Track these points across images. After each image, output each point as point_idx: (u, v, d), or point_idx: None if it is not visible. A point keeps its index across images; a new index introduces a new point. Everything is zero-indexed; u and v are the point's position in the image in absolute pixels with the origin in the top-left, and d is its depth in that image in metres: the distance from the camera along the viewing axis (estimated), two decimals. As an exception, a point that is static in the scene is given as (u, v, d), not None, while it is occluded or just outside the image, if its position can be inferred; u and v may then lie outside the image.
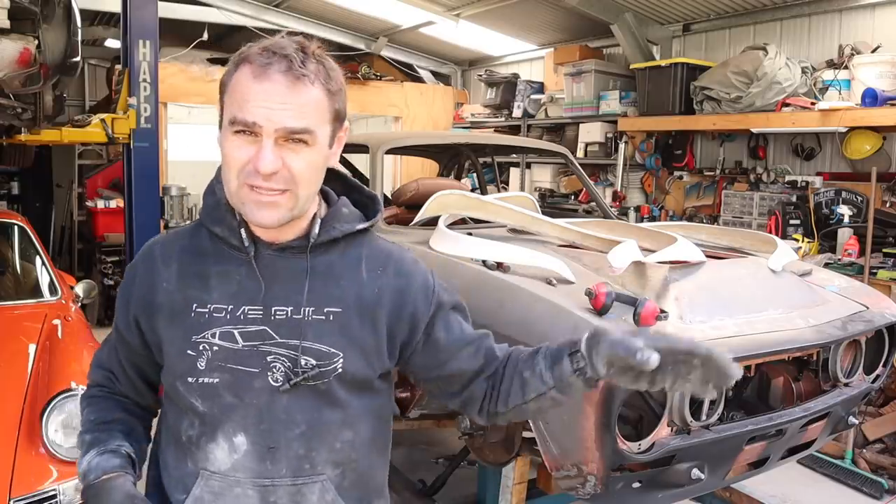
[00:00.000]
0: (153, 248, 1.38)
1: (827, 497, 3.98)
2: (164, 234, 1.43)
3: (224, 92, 1.23)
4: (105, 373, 1.45)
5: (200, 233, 1.35)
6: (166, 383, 1.35)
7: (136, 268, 1.38)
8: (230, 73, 1.22)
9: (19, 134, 4.53)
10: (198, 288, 1.29)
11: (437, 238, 2.92)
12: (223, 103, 1.23)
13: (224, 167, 1.24)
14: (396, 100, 8.53)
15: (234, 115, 1.18)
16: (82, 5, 4.62)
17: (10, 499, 2.51)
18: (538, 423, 2.21)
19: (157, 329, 1.32)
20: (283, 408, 1.27)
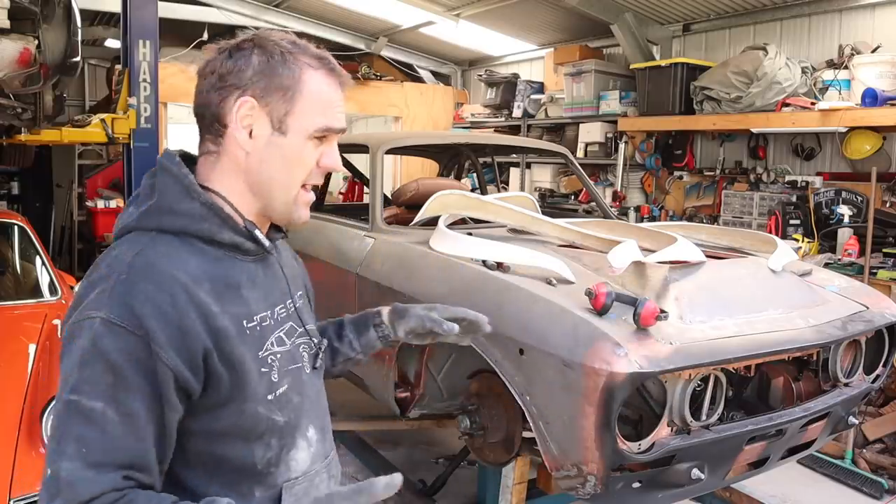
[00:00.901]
0: (166, 271, 1.12)
1: (827, 497, 3.98)
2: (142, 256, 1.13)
3: (294, 97, 1.19)
4: (116, 474, 1.03)
5: (193, 244, 1.17)
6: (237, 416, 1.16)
7: (161, 302, 1.08)
8: (292, 77, 1.19)
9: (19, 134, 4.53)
10: (237, 303, 1.18)
11: (437, 238, 2.92)
12: (284, 109, 1.19)
13: (291, 170, 1.22)
14: (396, 100, 8.53)
15: (324, 125, 1.21)
16: (82, 5, 4.62)
17: (10, 499, 2.51)
18: (538, 423, 2.21)
19: (233, 355, 1.14)
20: (315, 390, 1.36)
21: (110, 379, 1.04)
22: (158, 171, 1.22)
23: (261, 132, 1.19)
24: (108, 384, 1.04)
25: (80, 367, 1.04)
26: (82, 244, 8.43)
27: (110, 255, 1.16)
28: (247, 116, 1.18)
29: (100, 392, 1.03)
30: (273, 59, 1.19)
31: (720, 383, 2.29)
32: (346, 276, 3.29)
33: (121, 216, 1.24)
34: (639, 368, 2.00)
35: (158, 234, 1.16)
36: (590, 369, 2.02)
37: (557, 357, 2.12)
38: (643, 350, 2.05)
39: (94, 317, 1.06)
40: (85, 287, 1.12)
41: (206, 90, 1.20)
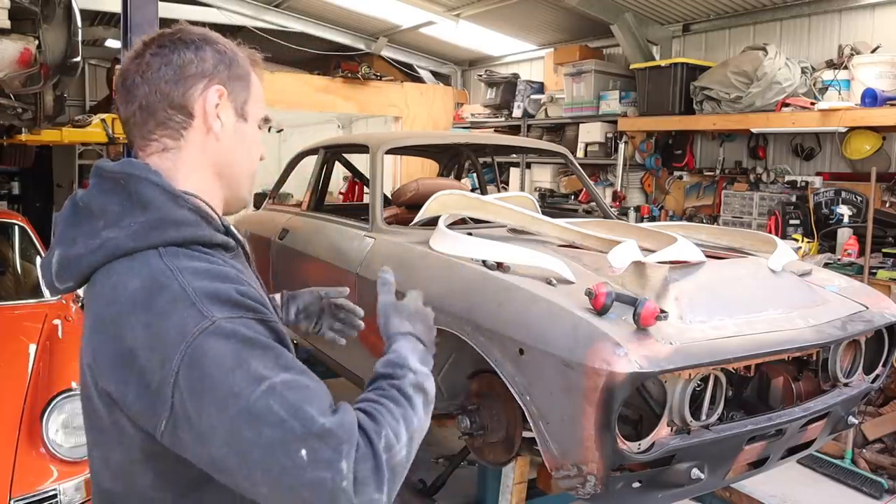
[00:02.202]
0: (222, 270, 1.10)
1: (827, 497, 3.98)
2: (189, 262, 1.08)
3: (248, 85, 1.26)
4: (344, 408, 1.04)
5: (196, 251, 1.12)
6: None
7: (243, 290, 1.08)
8: (245, 67, 1.25)
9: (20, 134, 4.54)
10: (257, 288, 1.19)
11: (437, 238, 2.92)
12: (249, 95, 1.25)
13: (252, 154, 1.28)
14: (396, 100, 8.53)
15: (265, 115, 1.30)
16: (82, 5, 4.63)
17: (10, 499, 2.51)
18: (538, 423, 2.21)
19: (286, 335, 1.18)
20: None
21: (271, 355, 1.01)
22: (133, 182, 1.12)
23: (227, 119, 1.21)
24: (273, 359, 1.01)
25: (240, 366, 0.98)
26: (82, 244, 8.43)
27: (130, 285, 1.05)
28: (217, 104, 1.19)
29: (274, 368, 1.00)
30: (227, 50, 1.23)
31: (720, 383, 2.29)
32: (346, 276, 3.29)
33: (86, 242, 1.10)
34: (639, 368, 2.00)
35: (164, 248, 1.08)
36: (590, 369, 2.02)
37: (557, 357, 2.12)
38: (643, 350, 2.05)
39: (211, 324, 1.00)
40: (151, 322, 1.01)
41: (163, 83, 1.15)
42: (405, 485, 3.81)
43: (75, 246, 1.11)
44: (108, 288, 1.07)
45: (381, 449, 1.00)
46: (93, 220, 1.11)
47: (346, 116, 9.39)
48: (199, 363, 0.98)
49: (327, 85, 7.96)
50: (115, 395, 1.05)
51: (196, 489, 1.10)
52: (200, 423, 0.97)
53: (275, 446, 0.95)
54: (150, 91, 1.16)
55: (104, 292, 1.08)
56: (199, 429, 0.98)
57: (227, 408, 0.96)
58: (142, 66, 1.16)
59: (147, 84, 1.16)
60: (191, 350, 0.98)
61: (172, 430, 1.00)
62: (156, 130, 1.18)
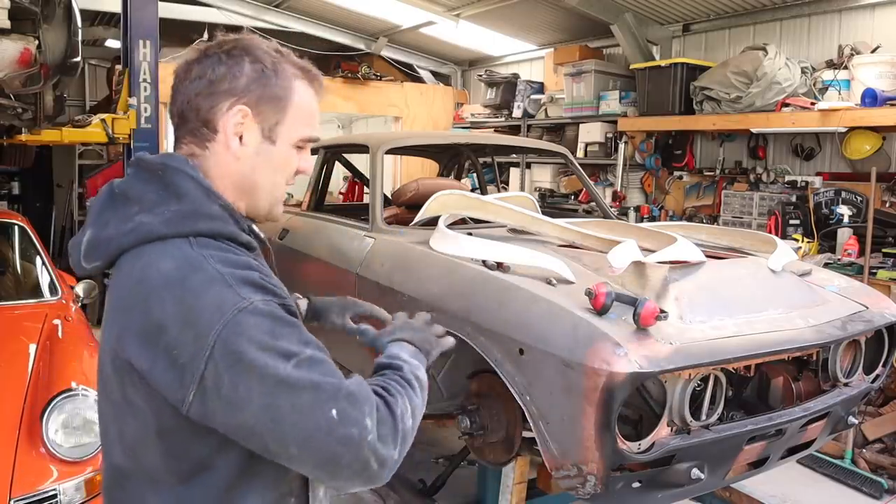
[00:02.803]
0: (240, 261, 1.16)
1: (827, 497, 3.98)
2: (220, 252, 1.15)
3: (281, 107, 1.23)
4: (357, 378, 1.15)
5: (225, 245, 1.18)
6: None
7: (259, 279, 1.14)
8: (286, 88, 1.23)
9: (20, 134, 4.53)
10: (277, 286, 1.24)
11: (437, 238, 2.92)
12: (274, 119, 1.23)
13: (278, 176, 1.28)
14: (396, 100, 8.53)
15: (308, 135, 1.28)
16: (82, 5, 4.62)
17: (10, 499, 2.51)
18: (538, 423, 2.21)
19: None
20: None
21: (297, 332, 1.10)
22: (171, 173, 1.19)
23: (251, 140, 1.23)
24: (298, 336, 1.10)
25: (276, 341, 1.06)
26: (82, 244, 8.42)
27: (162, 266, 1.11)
28: (239, 124, 1.21)
29: (300, 344, 1.09)
30: (266, 69, 1.22)
31: (720, 383, 2.29)
32: (346, 276, 3.29)
33: (119, 224, 1.16)
34: (639, 368, 2.00)
35: (195, 238, 1.14)
36: (590, 369, 2.02)
37: (557, 357, 2.12)
38: (643, 350, 2.05)
39: (250, 304, 1.07)
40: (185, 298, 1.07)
41: (194, 94, 1.21)
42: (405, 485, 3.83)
43: (107, 228, 1.17)
44: (137, 269, 1.12)
45: (398, 413, 1.12)
46: (128, 206, 1.17)
47: (346, 116, 9.39)
48: (237, 338, 1.04)
49: (327, 85, 7.73)
50: (141, 368, 1.10)
51: (198, 473, 1.15)
52: (235, 393, 1.04)
53: (308, 409, 1.04)
54: (184, 100, 1.22)
55: (133, 273, 1.13)
56: (231, 398, 1.04)
57: (265, 378, 1.04)
58: (185, 73, 1.22)
59: (183, 92, 1.22)
60: (227, 329, 1.04)
61: (202, 400, 1.05)
62: (186, 136, 1.24)
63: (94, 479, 2.69)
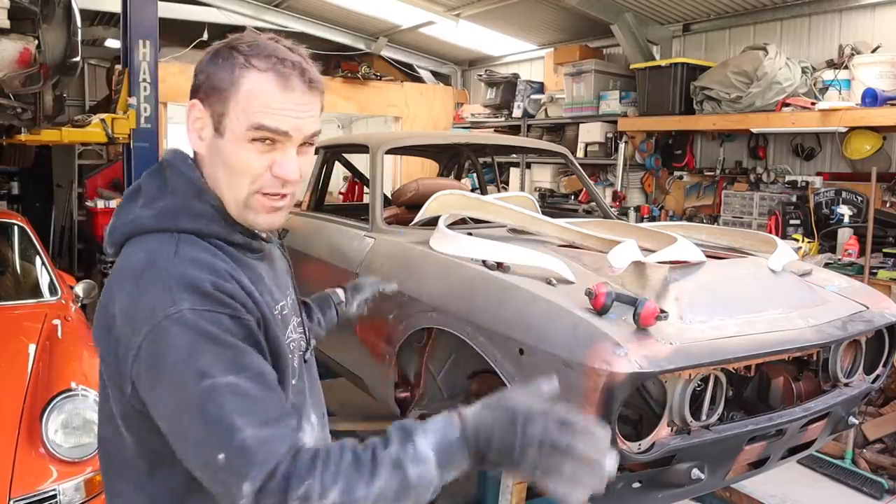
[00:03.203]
0: (210, 261, 1.14)
1: (827, 497, 3.98)
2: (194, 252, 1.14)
3: (225, 98, 1.16)
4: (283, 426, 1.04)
5: (213, 244, 1.19)
6: None
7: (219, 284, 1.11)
8: (231, 80, 1.16)
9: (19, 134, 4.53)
10: (266, 293, 1.22)
11: (437, 238, 2.92)
12: (220, 110, 1.17)
13: (232, 175, 1.19)
14: (396, 100, 8.53)
15: (259, 122, 1.15)
16: (82, 5, 4.63)
17: (10, 499, 2.51)
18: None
19: (274, 338, 1.19)
20: (313, 377, 1.43)
21: (228, 353, 1.05)
22: (169, 170, 1.22)
23: (206, 134, 1.21)
24: (228, 358, 1.05)
25: (191, 358, 1.03)
26: (82, 244, 8.43)
27: (135, 257, 1.14)
28: (197, 119, 1.20)
29: (226, 367, 1.04)
30: (217, 60, 1.18)
31: (720, 383, 2.29)
32: (346, 276, 3.29)
33: (125, 215, 1.21)
34: (639, 368, 2.00)
35: (180, 234, 1.16)
36: (590, 369, 2.02)
37: (557, 357, 2.12)
38: (643, 350, 2.05)
39: (177, 311, 1.05)
40: (133, 294, 1.09)
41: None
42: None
43: (119, 218, 1.22)
44: (123, 256, 1.18)
45: (293, 495, 0.97)
46: (137, 198, 1.23)
47: (346, 116, 9.39)
48: (157, 345, 1.05)
49: (327, 85, 7.85)
50: (100, 355, 1.16)
51: (160, 467, 1.15)
52: (152, 395, 1.07)
53: (201, 441, 1.02)
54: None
55: (119, 259, 1.18)
56: (150, 400, 1.07)
57: (172, 393, 1.04)
58: None
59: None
60: (154, 331, 1.05)
61: (135, 394, 1.09)
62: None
63: (94, 480, 2.69)
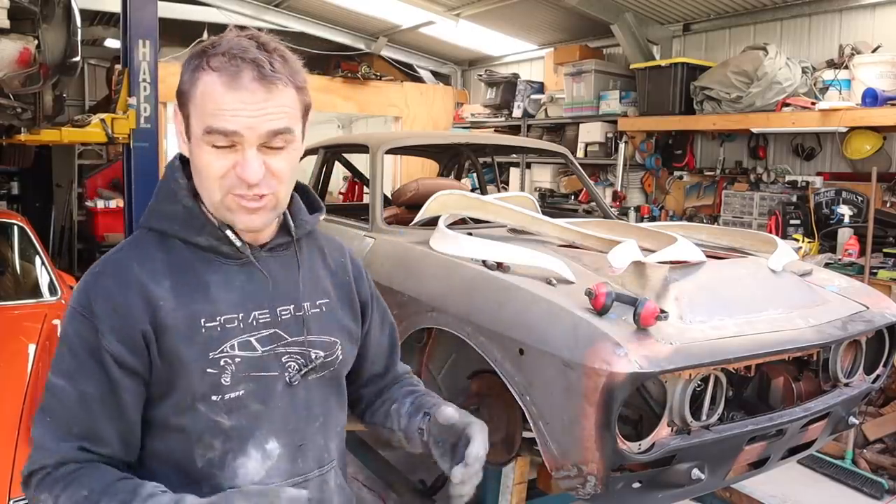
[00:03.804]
0: (129, 267, 1.19)
1: (827, 497, 3.98)
2: (119, 252, 1.24)
3: (187, 101, 1.16)
4: (73, 444, 1.14)
5: (173, 244, 1.23)
6: (174, 410, 1.19)
7: (112, 293, 1.16)
8: (191, 82, 1.15)
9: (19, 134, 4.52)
10: (201, 301, 1.19)
11: (437, 238, 2.92)
12: (186, 113, 1.17)
13: (201, 178, 1.18)
14: (396, 100, 8.52)
15: (209, 125, 1.13)
16: (82, 5, 4.62)
17: (9, 499, 2.50)
18: (538, 423, 2.21)
19: (172, 350, 1.17)
20: (303, 404, 1.29)
21: (71, 360, 1.16)
22: (164, 173, 1.30)
23: (185, 138, 1.21)
24: (68, 364, 1.16)
25: (57, 349, 1.18)
26: (82, 244, 8.43)
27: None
28: (180, 123, 1.22)
29: (63, 371, 1.16)
30: (187, 64, 1.17)
31: (720, 383, 2.29)
32: (345, 276, 3.29)
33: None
34: (639, 368, 2.00)
35: (148, 231, 1.26)
36: (590, 369, 2.02)
37: (557, 357, 2.12)
38: (643, 350, 2.05)
39: (70, 305, 1.19)
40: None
41: None
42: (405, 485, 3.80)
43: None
44: None
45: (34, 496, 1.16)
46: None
47: (346, 116, 9.38)
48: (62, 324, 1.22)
49: (327, 85, 7.95)
50: None
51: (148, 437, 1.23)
52: None
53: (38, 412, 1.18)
54: None
55: None
56: None
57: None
58: None
59: None
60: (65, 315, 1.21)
61: None
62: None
63: (94, 480, 2.68)
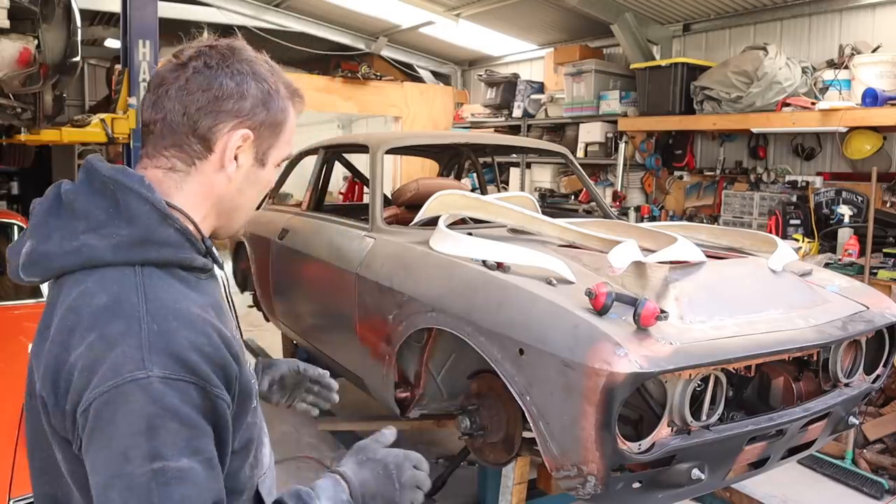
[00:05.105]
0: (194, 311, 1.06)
1: (827, 497, 3.98)
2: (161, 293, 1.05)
3: (280, 131, 1.20)
4: None
5: (174, 272, 1.10)
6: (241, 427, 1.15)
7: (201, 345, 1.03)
8: (284, 113, 1.19)
9: (19, 134, 4.53)
10: (225, 321, 1.14)
11: (437, 238, 2.92)
12: (273, 140, 1.20)
13: (258, 197, 1.26)
14: (396, 100, 8.53)
15: (288, 155, 1.24)
16: (82, 5, 4.63)
17: (9, 499, 2.51)
18: (538, 423, 2.21)
19: (244, 374, 1.12)
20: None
21: (186, 433, 0.98)
22: (123, 192, 1.07)
23: (244, 162, 1.17)
24: (186, 439, 0.97)
25: (148, 433, 0.95)
26: (82, 244, 8.41)
27: (96, 300, 1.02)
28: (240, 147, 1.15)
29: (181, 449, 0.97)
30: (270, 92, 1.16)
31: (720, 383, 2.29)
32: (345, 276, 3.29)
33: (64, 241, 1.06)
34: (639, 368, 2.00)
35: (141, 267, 1.06)
36: (590, 369, 2.02)
37: (557, 357, 2.12)
38: (643, 350, 2.05)
39: (145, 377, 0.96)
40: (97, 345, 0.99)
41: (194, 108, 1.11)
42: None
43: (49, 242, 1.07)
44: (74, 296, 1.04)
45: None
46: (74, 220, 1.07)
47: (346, 116, 9.40)
48: (113, 407, 0.95)
49: (327, 85, 7.96)
50: (47, 402, 1.04)
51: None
52: (90, 455, 0.98)
53: None
54: (179, 110, 1.11)
55: (70, 297, 1.04)
56: (88, 458, 0.98)
57: (112, 463, 0.95)
58: (180, 80, 1.11)
59: (178, 101, 1.11)
60: (113, 392, 0.96)
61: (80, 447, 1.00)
62: (170, 148, 1.13)
63: (94, 480, 2.69)
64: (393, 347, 2.87)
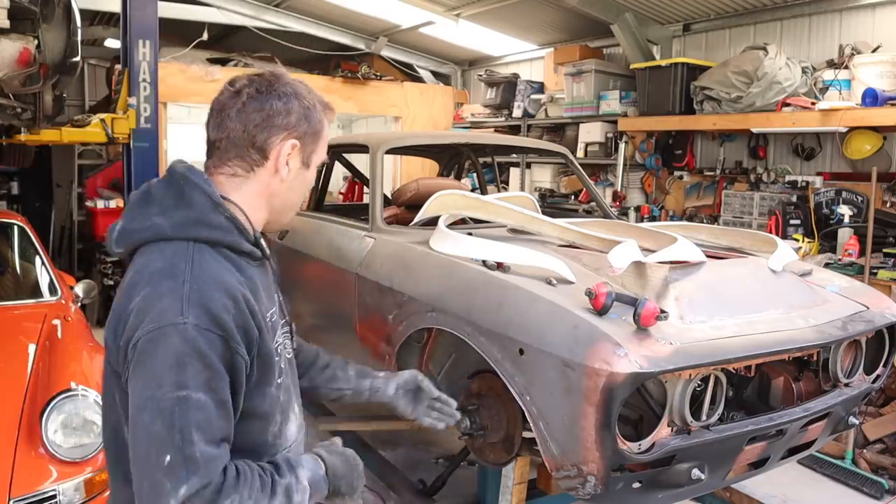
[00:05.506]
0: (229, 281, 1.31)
1: (827, 497, 3.98)
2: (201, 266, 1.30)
3: (318, 138, 1.48)
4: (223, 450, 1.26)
5: (221, 252, 1.36)
6: (259, 397, 1.37)
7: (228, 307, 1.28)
8: (321, 125, 1.48)
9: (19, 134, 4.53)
10: (260, 301, 1.38)
11: (437, 238, 2.92)
12: (313, 147, 1.48)
13: (304, 194, 1.55)
14: (396, 100, 8.52)
15: (324, 158, 1.53)
16: (82, 5, 4.62)
17: (9, 499, 2.51)
18: (538, 423, 2.21)
19: (263, 346, 1.36)
20: (295, 374, 1.60)
21: (207, 374, 1.23)
22: (185, 182, 1.37)
23: (294, 166, 1.45)
24: (207, 378, 1.22)
25: (178, 367, 1.20)
26: (82, 244, 8.42)
27: (155, 264, 1.30)
28: (290, 154, 1.43)
29: (201, 384, 1.22)
30: (310, 108, 1.45)
31: (720, 383, 2.29)
32: (346, 276, 3.29)
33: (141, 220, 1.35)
34: (639, 368, 2.00)
35: (195, 243, 1.33)
36: (590, 369, 2.02)
37: (557, 357, 2.12)
38: (643, 350, 2.05)
39: (182, 322, 1.22)
40: (149, 296, 1.25)
41: (252, 125, 1.39)
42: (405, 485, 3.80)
43: (134, 222, 1.37)
44: (141, 262, 1.33)
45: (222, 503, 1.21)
46: (152, 206, 1.37)
47: (346, 116, 9.38)
48: (154, 343, 1.22)
49: (327, 85, 7.95)
50: (107, 346, 1.32)
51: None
52: (131, 384, 1.24)
53: (153, 439, 1.19)
54: (240, 129, 1.40)
55: (139, 263, 1.33)
56: (130, 388, 1.24)
57: (146, 388, 1.21)
58: (237, 104, 1.40)
59: (238, 121, 1.40)
60: (156, 332, 1.22)
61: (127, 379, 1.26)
62: (234, 159, 1.42)
63: (94, 480, 2.69)
64: (393, 347, 2.87)
